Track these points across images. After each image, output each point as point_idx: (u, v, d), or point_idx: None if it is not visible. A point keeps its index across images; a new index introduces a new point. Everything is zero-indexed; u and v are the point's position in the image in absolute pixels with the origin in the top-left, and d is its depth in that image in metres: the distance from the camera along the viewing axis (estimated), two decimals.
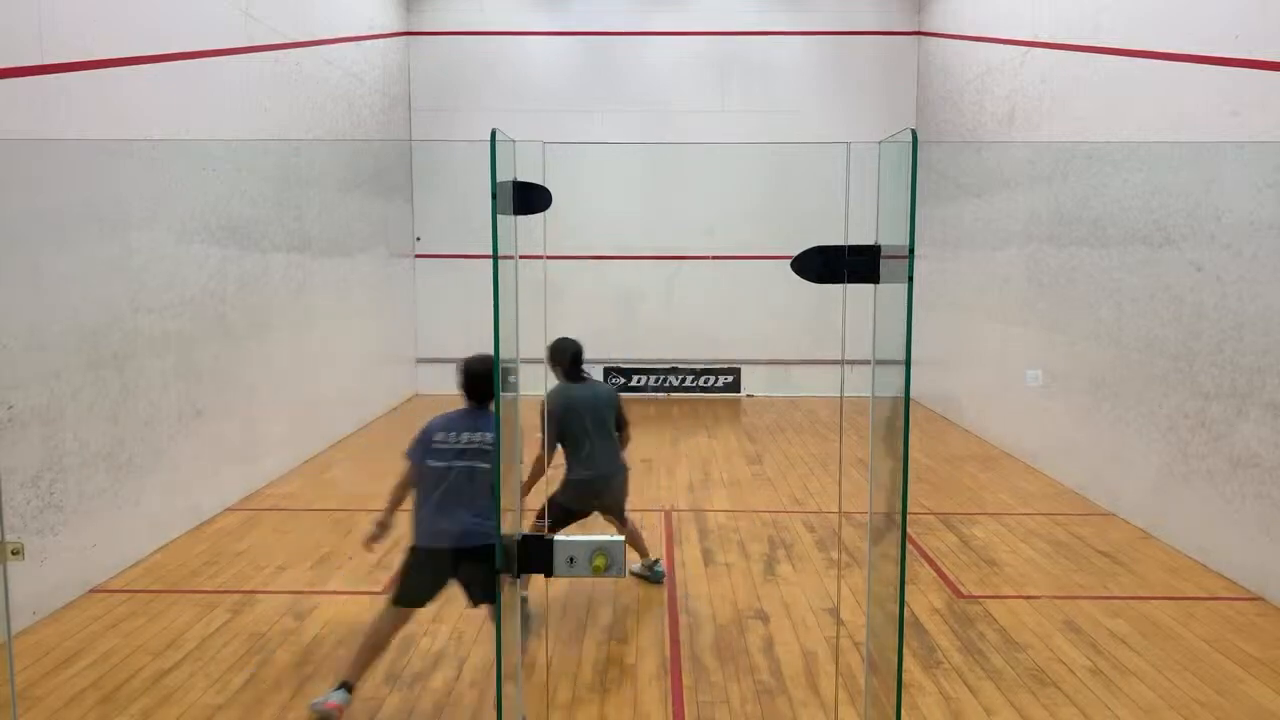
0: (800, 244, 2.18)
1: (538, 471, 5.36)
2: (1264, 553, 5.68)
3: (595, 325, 13.51)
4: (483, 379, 4.37)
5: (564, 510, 5.47)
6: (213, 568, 6.19)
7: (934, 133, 12.11)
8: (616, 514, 5.74)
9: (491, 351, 3.90)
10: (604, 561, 2.15)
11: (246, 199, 8.05)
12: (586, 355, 5.60)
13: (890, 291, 2.11)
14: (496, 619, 2.15)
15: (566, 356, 5.51)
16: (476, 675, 4.64)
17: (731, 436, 10.71)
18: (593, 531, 5.48)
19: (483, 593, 4.34)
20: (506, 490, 2.19)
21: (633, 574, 5.92)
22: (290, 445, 8.91)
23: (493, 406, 4.35)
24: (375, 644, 4.33)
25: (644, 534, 6.25)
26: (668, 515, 7.44)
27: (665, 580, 5.91)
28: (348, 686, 4.24)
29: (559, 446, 5.41)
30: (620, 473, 5.68)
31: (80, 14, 5.73)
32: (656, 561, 5.97)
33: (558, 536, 2.17)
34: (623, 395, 5.86)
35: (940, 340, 11.43)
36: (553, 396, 5.40)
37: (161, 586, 5.84)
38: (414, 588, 4.37)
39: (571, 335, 5.61)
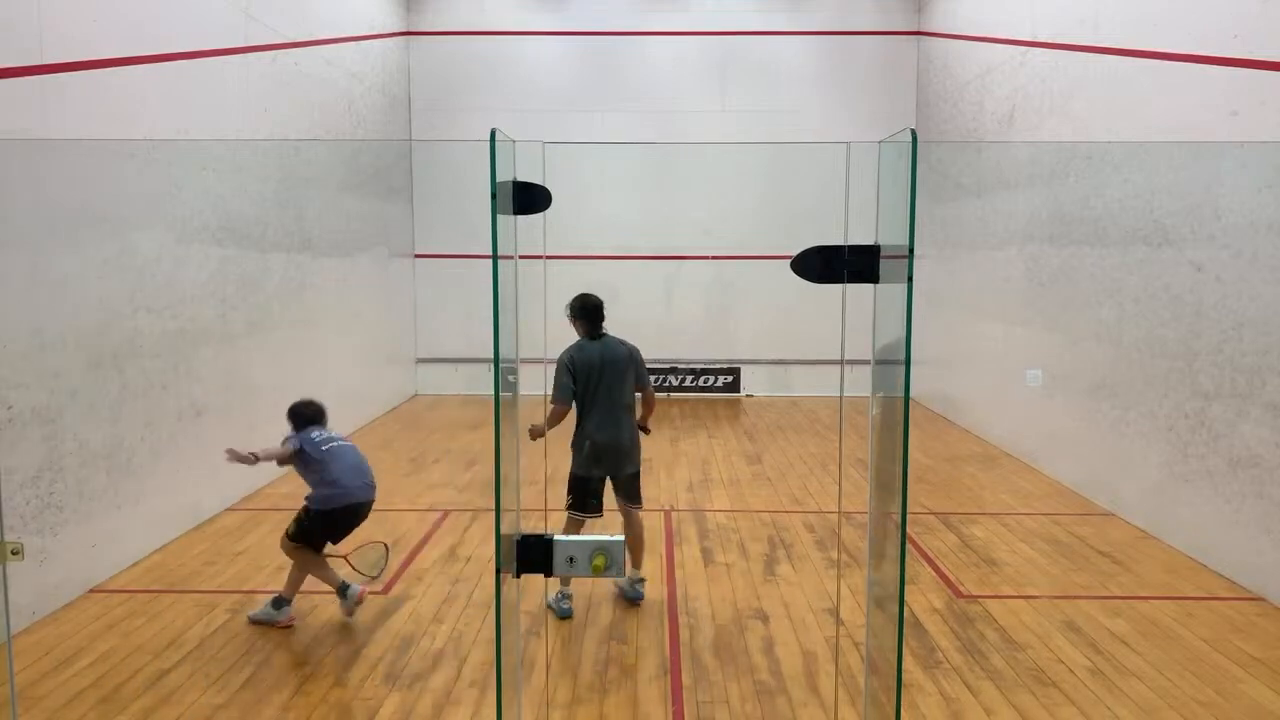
0: (800, 244, 2.17)
1: (555, 418, 5.41)
2: (1264, 553, 5.68)
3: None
4: (314, 411, 5.76)
5: (576, 480, 5.48)
6: (213, 568, 6.19)
7: (934, 133, 12.11)
8: (628, 493, 5.60)
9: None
10: (603, 561, 2.15)
11: (246, 199, 8.05)
12: None
13: (890, 291, 2.11)
14: (496, 619, 2.15)
15: (586, 311, 5.49)
16: (476, 675, 4.64)
17: (731, 436, 10.71)
18: (594, 531, 5.51)
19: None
20: (507, 490, 2.18)
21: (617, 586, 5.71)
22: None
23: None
24: (327, 567, 5.38)
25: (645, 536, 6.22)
26: (668, 515, 7.44)
27: (665, 589, 5.77)
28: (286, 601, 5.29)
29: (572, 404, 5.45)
30: (629, 438, 5.52)
31: (80, 13, 5.73)
32: (641, 580, 5.66)
33: (558, 536, 2.17)
34: None
35: (940, 340, 11.43)
36: (568, 351, 5.47)
37: (161, 586, 5.84)
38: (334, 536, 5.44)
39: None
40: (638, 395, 5.65)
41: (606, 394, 5.40)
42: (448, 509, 7.54)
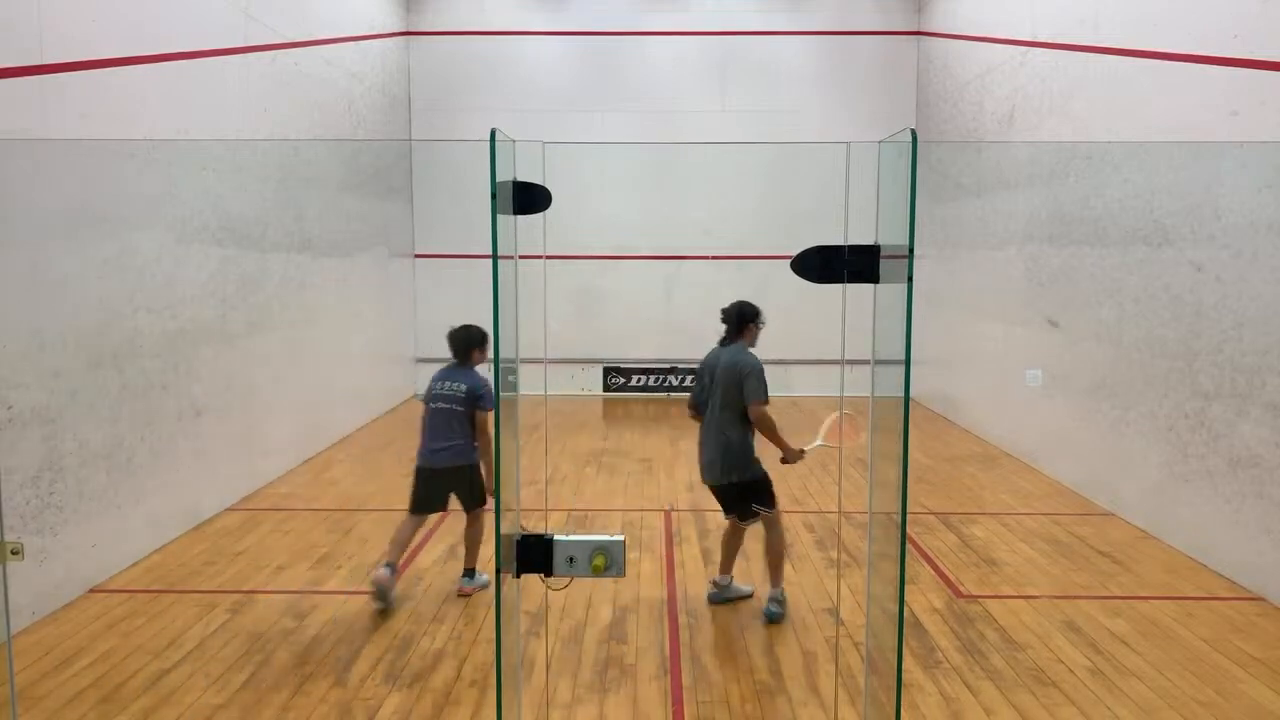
0: (800, 244, 2.18)
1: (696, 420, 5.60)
2: (1264, 553, 5.68)
3: (595, 325, 13.53)
4: (457, 341, 5.68)
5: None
6: (213, 568, 6.19)
7: (934, 133, 12.11)
8: (739, 510, 5.39)
9: (471, 323, 4.95)
10: (603, 561, 2.15)
11: (246, 199, 8.05)
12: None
13: (890, 291, 2.11)
14: (496, 619, 2.15)
15: (726, 315, 5.70)
16: (476, 675, 4.64)
17: None
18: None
19: (470, 501, 5.76)
20: (507, 490, 2.19)
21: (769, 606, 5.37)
22: (290, 445, 8.91)
23: (470, 364, 5.68)
24: (402, 540, 5.59)
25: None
26: (668, 515, 7.44)
27: (666, 589, 5.73)
28: (392, 566, 5.43)
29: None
30: (718, 448, 5.31)
31: (80, 13, 5.73)
32: (778, 600, 5.34)
33: (558, 536, 2.17)
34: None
35: (940, 340, 11.42)
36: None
37: (161, 586, 5.84)
38: (423, 499, 5.69)
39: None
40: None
41: (708, 402, 5.48)
42: (448, 509, 7.53)
